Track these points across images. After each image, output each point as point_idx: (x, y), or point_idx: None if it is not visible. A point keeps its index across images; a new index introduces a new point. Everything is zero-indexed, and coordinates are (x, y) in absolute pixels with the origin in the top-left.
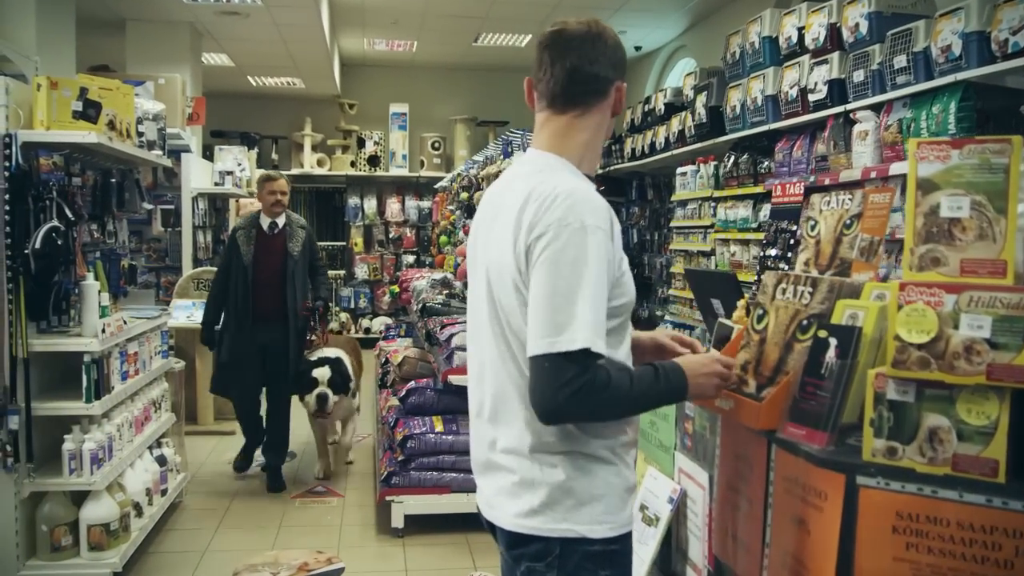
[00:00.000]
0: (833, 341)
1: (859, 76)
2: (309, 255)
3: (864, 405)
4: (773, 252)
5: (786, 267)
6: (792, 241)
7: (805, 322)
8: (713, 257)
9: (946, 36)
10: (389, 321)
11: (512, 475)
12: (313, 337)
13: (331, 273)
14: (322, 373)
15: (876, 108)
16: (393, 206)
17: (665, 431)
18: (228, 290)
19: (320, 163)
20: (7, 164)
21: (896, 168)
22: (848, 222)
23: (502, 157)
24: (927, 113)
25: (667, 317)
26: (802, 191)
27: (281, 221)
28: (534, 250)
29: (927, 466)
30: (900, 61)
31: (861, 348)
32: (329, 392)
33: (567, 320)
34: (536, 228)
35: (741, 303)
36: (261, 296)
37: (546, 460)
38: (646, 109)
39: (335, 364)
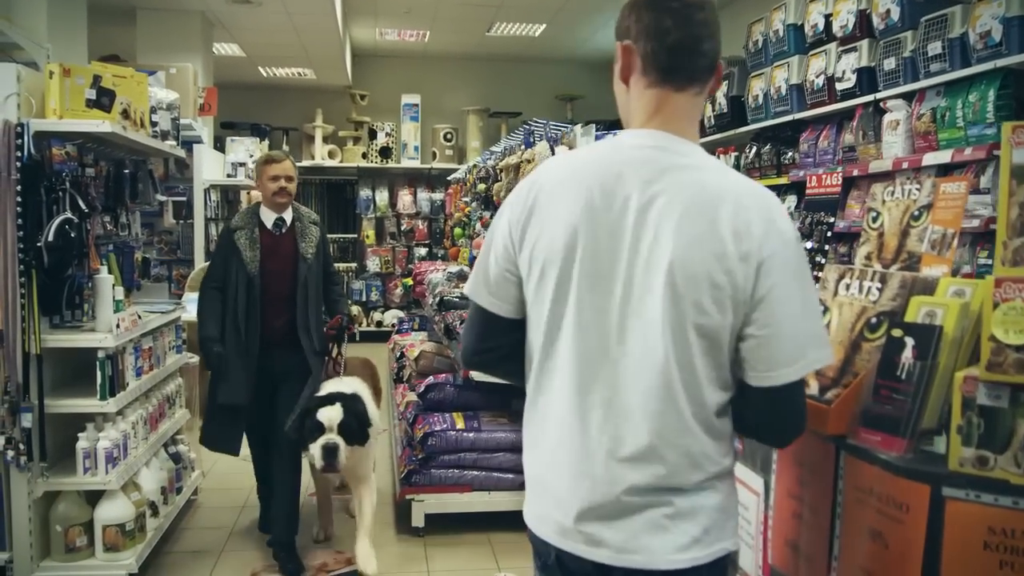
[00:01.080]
0: (910, 341)
1: (890, 64)
2: (323, 260)
3: (943, 410)
4: (809, 245)
5: (823, 260)
6: (829, 233)
7: (874, 320)
8: None
9: (985, 21)
10: (401, 314)
11: (665, 508)
12: (333, 364)
13: (342, 266)
14: (330, 416)
15: (908, 97)
16: (405, 198)
17: None
18: (226, 307)
19: (331, 155)
20: (19, 154)
21: (929, 158)
22: (916, 213)
23: (523, 147)
24: (963, 101)
25: None
26: (839, 182)
27: (289, 216)
28: (771, 268)
29: (1023, 477)
30: (935, 48)
31: (941, 348)
32: (340, 442)
33: (823, 335)
34: (768, 243)
35: None
36: (269, 315)
37: (706, 485)
38: None
39: (349, 403)
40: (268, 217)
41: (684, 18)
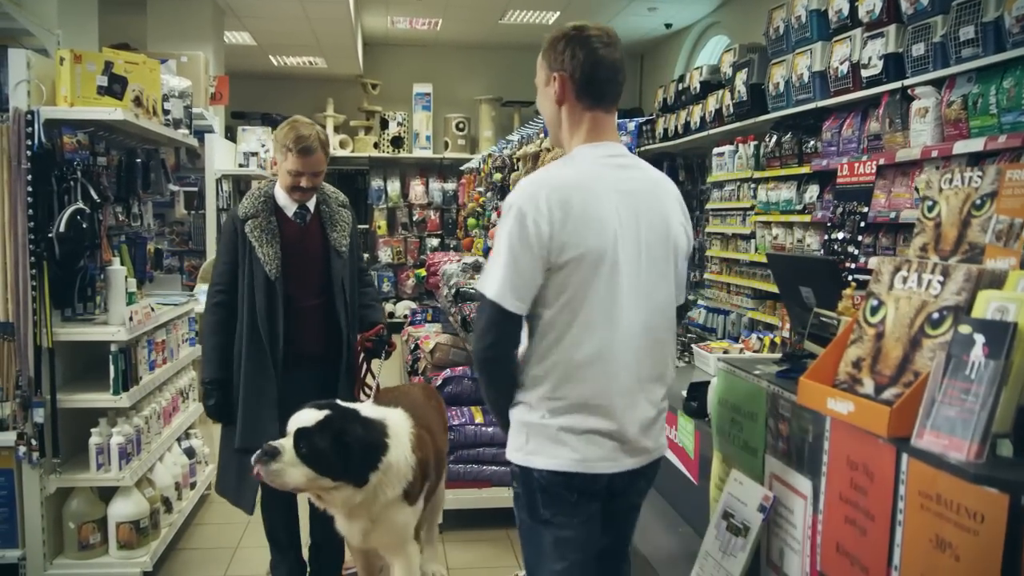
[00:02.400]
0: (980, 338)
1: (919, 50)
2: (354, 254)
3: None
4: (840, 235)
5: (856, 251)
6: (863, 223)
7: (936, 315)
8: (753, 240)
9: (1023, 4)
10: (414, 305)
11: (663, 415)
12: (361, 387)
13: None
14: (298, 420)
15: (937, 83)
16: (417, 188)
17: (751, 432)
18: (236, 323)
19: (343, 144)
20: (29, 143)
21: (960, 147)
22: (978, 202)
23: (542, 135)
24: (997, 87)
25: (700, 301)
26: (873, 170)
27: (313, 201)
28: (690, 230)
29: None
30: (967, 33)
31: (1016, 346)
32: (285, 448)
33: None
34: (686, 213)
35: (847, 292)
36: (297, 329)
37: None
38: (679, 88)
39: (343, 419)
40: (287, 204)
41: (608, 55)
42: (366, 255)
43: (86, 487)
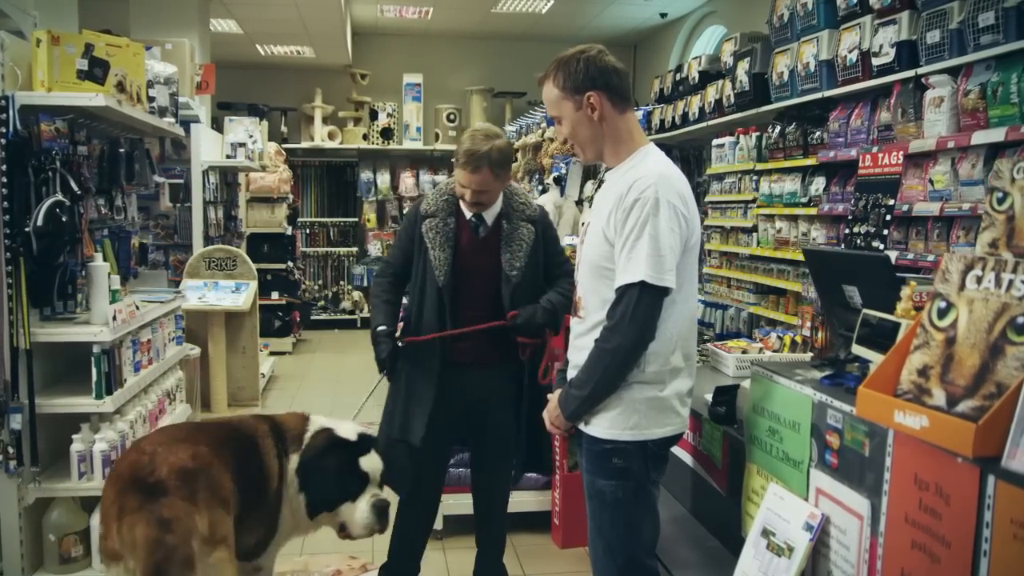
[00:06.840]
0: None
1: (934, 37)
2: (542, 260)
3: None
4: (863, 229)
5: (881, 245)
6: (888, 216)
7: (1022, 319)
8: (755, 233)
9: None
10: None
11: None
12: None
13: (342, 251)
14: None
15: (953, 72)
16: (407, 180)
17: (793, 442)
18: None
19: (331, 136)
20: (3, 131)
21: (979, 137)
22: None
23: (544, 125)
24: (1018, 75)
25: (699, 296)
26: (899, 161)
27: (494, 212)
28: None
29: None
30: (987, 19)
31: None
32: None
33: None
34: None
35: (906, 292)
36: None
37: None
38: (677, 78)
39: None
40: (465, 207)
41: (615, 61)
42: (355, 248)
43: (67, 497)
